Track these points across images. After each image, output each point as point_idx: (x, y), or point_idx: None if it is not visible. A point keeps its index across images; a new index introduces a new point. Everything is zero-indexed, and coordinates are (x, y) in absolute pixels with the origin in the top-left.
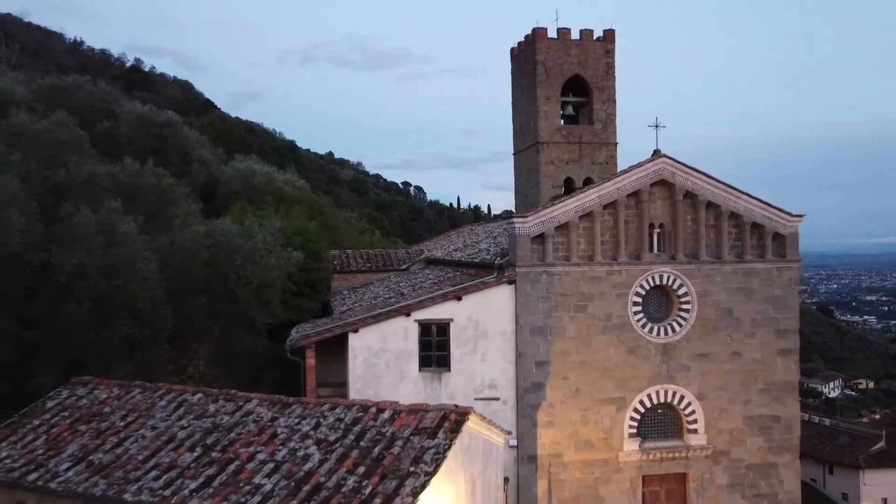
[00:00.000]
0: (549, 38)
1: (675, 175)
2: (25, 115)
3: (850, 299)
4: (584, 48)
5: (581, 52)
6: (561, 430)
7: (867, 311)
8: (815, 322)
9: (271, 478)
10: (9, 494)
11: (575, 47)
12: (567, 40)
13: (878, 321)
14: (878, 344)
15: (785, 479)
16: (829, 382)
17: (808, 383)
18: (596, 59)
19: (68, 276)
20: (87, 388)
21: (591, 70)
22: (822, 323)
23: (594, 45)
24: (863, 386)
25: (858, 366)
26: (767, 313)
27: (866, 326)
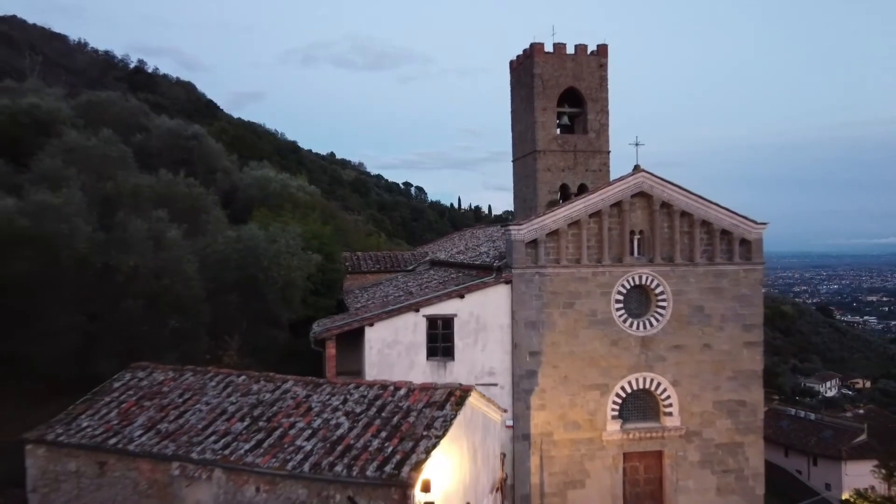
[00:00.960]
0: (546, 53)
1: (653, 188)
2: (76, 134)
3: (850, 300)
4: (578, 62)
5: (576, 66)
6: (551, 413)
7: (868, 311)
8: (814, 322)
9: (310, 441)
10: (93, 456)
11: (570, 61)
12: (563, 54)
13: (879, 321)
14: (878, 344)
15: (750, 456)
16: (826, 382)
17: (806, 382)
18: (590, 72)
19: (125, 276)
20: (145, 372)
21: (585, 82)
22: (822, 323)
23: (588, 59)
24: (860, 385)
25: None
26: (735, 310)
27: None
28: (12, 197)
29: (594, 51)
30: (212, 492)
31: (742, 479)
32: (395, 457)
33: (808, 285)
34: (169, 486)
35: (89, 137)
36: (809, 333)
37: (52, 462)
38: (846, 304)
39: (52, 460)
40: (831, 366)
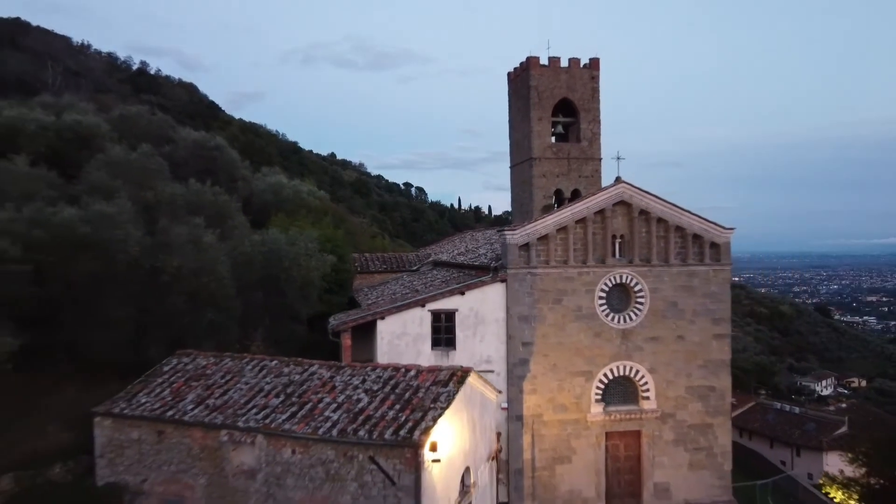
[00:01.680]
0: (542, 66)
1: (633, 197)
2: (119, 149)
3: (850, 300)
4: (572, 74)
5: (569, 78)
6: (542, 396)
7: (867, 311)
8: (812, 322)
9: (336, 412)
10: (153, 426)
11: (564, 73)
12: (557, 67)
13: (878, 321)
14: (875, 344)
15: (719, 435)
16: (822, 381)
17: (801, 381)
18: (583, 84)
19: (169, 276)
20: (190, 358)
21: (578, 94)
22: (820, 323)
23: (581, 72)
24: (855, 384)
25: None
26: (705, 306)
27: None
28: (69, 207)
29: (587, 64)
30: (254, 454)
31: (711, 455)
32: (408, 424)
33: (807, 285)
34: (218, 451)
35: (130, 151)
36: (807, 333)
37: (117, 432)
38: (846, 305)
39: (117, 430)
40: (828, 365)
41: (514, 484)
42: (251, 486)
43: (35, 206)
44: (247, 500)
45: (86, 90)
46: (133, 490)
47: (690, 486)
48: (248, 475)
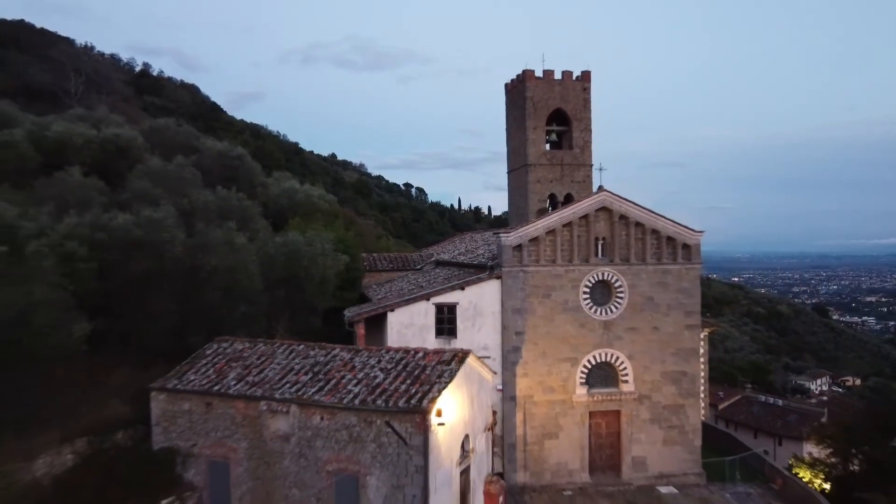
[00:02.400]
0: (537, 78)
1: (613, 203)
2: (157, 160)
3: (849, 300)
4: (565, 86)
5: (563, 90)
6: (532, 380)
7: (866, 311)
8: (809, 322)
9: (357, 386)
10: (201, 398)
11: (557, 85)
12: (551, 80)
13: (877, 322)
14: (872, 344)
15: (689, 415)
16: (817, 380)
17: (797, 380)
18: (575, 95)
19: (207, 273)
20: (227, 343)
21: (571, 104)
22: (817, 323)
23: (573, 84)
24: (850, 383)
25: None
26: (678, 300)
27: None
28: (122, 213)
29: (579, 76)
30: (289, 421)
31: (683, 433)
32: (417, 395)
33: (807, 286)
34: (257, 419)
35: (166, 162)
36: (805, 333)
37: (171, 404)
38: (845, 305)
39: (170, 403)
40: (825, 364)
41: (508, 456)
42: (286, 447)
43: (94, 213)
44: (282, 460)
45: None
46: (184, 453)
47: (664, 459)
48: (283, 439)
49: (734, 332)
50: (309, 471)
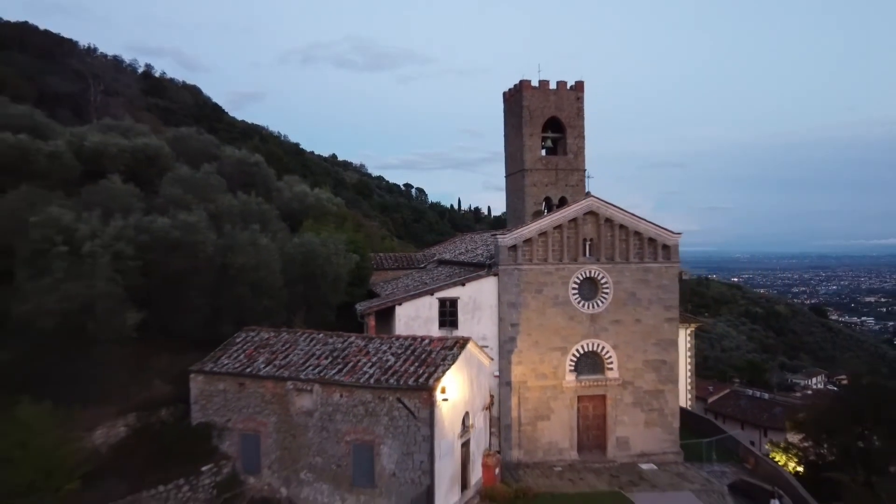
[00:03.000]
0: (533, 88)
1: (599, 208)
2: (186, 168)
3: (848, 300)
4: (559, 95)
5: (557, 99)
6: (526, 367)
7: (865, 312)
8: (807, 322)
9: (371, 368)
10: (235, 379)
11: (553, 95)
12: (546, 89)
13: (876, 322)
14: (869, 343)
15: (668, 399)
16: (812, 378)
17: (792, 378)
18: (569, 104)
19: (235, 271)
20: (255, 332)
21: (565, 112)
22: (815, 323)
23: (568, 93)
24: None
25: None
26: (658, 295)
27: (864, 327)
28: (160, 216)
29: (573, 86)
30: (312, 399)
31: (662, 415)
32: (424, 375)
33: (806, 286)
34: (284, 397)
35: (194, 170)
36: (802, 333)
37: (207, 384)
38: (844, 305)
39: (207, 383)
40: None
41: (504, 436)
42: (309, 421)
43: (136, 216)
44: (306, 432)
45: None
46: (220, 427)
47: (646, 439)
48: (307, 414)
49: (731, 332)
50: (330, 441)
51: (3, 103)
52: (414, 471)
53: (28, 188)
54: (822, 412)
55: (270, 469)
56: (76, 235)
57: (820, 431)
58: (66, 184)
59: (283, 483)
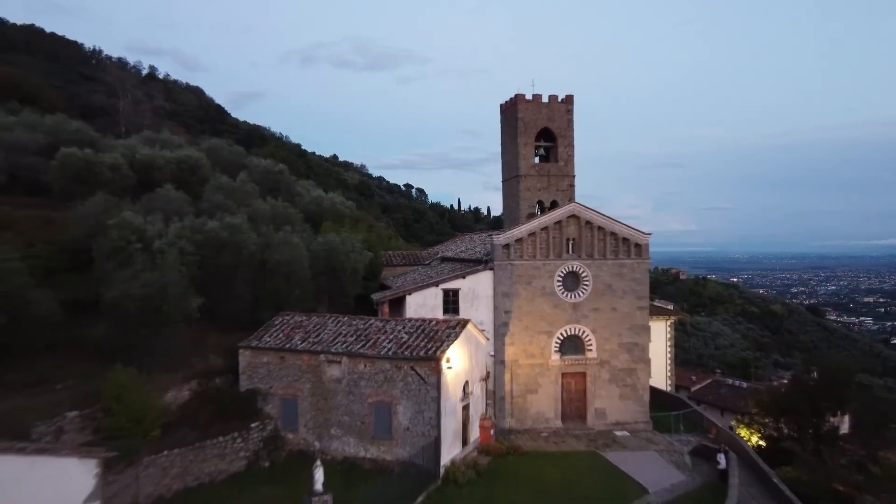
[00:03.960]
0: (527, 101)
1: (581, 212)
2: (225, 178)
3: (847, 301)
4: (551, 108)
5: (549, 111)
6: (517, 348)
7: (864, 312)
8: (803, 321)
9: (389, 344)
10: (276, 354)
11: (545, 107)
12: (539, 102)
13: (875, 322)
14: (863, 343)
15: (640, 377)
16: None
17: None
18: (560, 115)
19: (272, 265)
20: (289, 316)
21: (556, 123)
22: (810, 322)
23: (559, 106)
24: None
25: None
26: (632, 287)
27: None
28: (206, 219)
29: (563, 99)
30: (341, 369)
31: (635, 390)
32: (432, 348)
33: (805, 286)
34: (318, 367)
35: (232, 179)
36: (798, 332)
37: (253, 358)
38: (843, 305)
39: (253, 357)
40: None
41: (499, 407)
42: (338, 387)
43: (190, 219)
44: (336, 396)
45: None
46: (264, 392)
47: (620, 411)
48: (336, 381)
49: (726, 330)
50: (355, 402)
51: (62, 121)
52: (424, 425)
53: (102, 195)
54: (780, 393)
55: (306, 426)
56: (146, 235)
57: (778, 409)
58: (125, 191)
59: (316, 437)
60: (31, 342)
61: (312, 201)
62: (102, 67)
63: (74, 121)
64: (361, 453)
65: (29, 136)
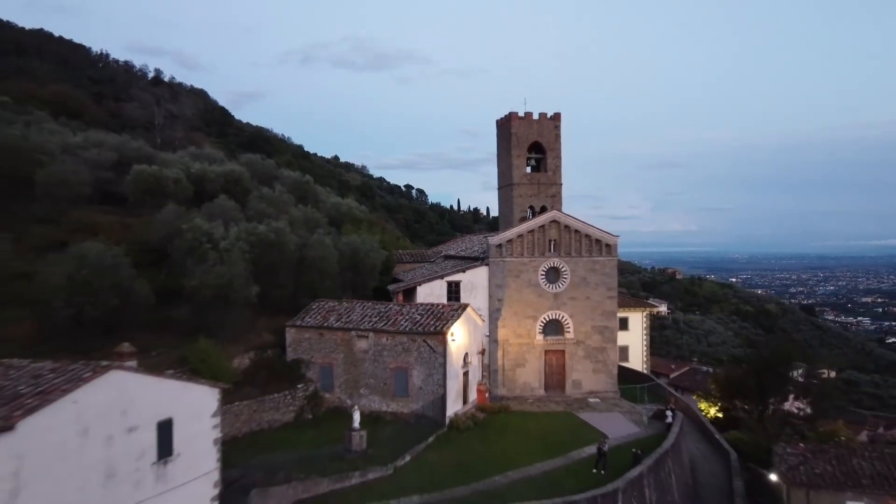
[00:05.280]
0: (519, 118)
1: (560, 218)
2: (266, 189)
3: (845, 301)
4: (541, 124)
5: (539, 127)
6: (508, 329)
7: (862, 312)
8: (796, 320)
9: (405, 322)
10: (315, 331)
11: (535, 124)
12: (530, 119)
13: (872, 322)
14: (855, 341)
15: (609, 354)
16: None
17: None
18: (549, 131)
19: (309, 261)
20: (324, 302)
21: (545, 138)
22: (804, 321)
23: (547, 122)
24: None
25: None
26: (603, 280)
27: (860, 327)
28: (256, 224)
29: (552, 116)
30: (368, 342)
31: (605, 365)
32: (440, 325)
33: (804, 286)
34: (349, 341)
35: (271, 191)
36: (791, 330)
37: (297, 334)
38: (841, 305)
39: (297, 333)
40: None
41: (493, 378)
42: (366, 356)
43: (243, 224)
44: (364, 363)
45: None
46: (306, 361)
47: (593, 382)
48: (364, 351)
49: (719, 328)
50: (379, 368)
51: (126, 141)
52: (433, 385)
53: (174, 206)
54: (733, 374)
55: (340, 387)
56: (214, 237)
57: (731, 387)
58: (185, 201)
59: (348, 396)
60: (132, 320)
61: (332, 207)
62: (111, 71)
63: (131, 139)
64: (384, 408)
65: (105, 154)
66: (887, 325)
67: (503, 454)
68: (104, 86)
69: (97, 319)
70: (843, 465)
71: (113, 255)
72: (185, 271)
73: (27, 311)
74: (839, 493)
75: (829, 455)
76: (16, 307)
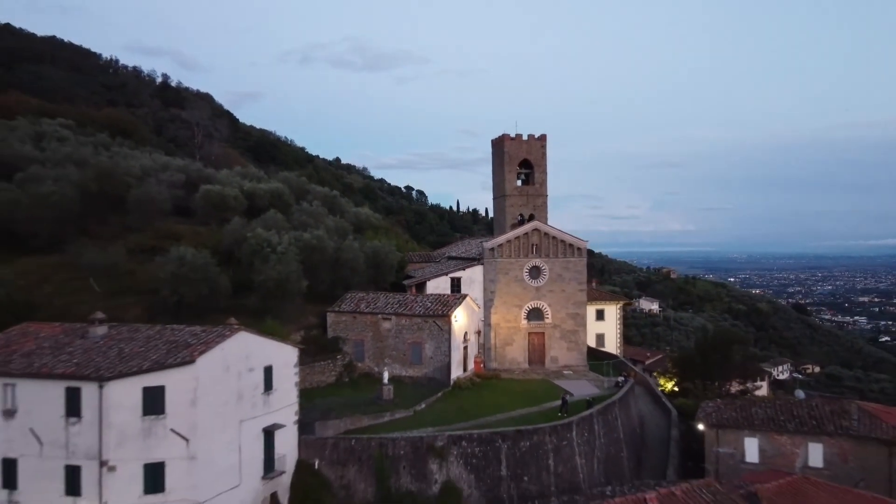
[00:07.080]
0: (511, 139)
1: (541, 227)
2: (305, 203)
3: (842, 300)
4: (530, 144)
5: (528, 146)
6: (499, 316)
7: (858, 311)
8: (787, 319)
9: (419, 308)
10: (350, 315)
11: (525, 144)
12: (520, 140)
13: (868, 321)
14: (845, 339)
15: (580, 335)
16: (779, 367)
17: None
18: (536, 150)
19: (343, 262)
20: (356, 293)
21: (533, 156)
22: (795, 319)
23: (535, 142)
24: (809, 371)
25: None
26: (575, 276)
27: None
28: (301, 232)
29: (539, 137)
30: (391, 323)
31: (577, 344)
32: (446, 309)
33: (802, 286)
34: (376, 323)
35: (309, 205)
36: (783, 329)
37: (336, 318)
38: (838, 305)
39: (336, 317)
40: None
41: (486, 354)
42: (389, 334)
43: (292, 233)
44: (388, 339)
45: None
46: (343, 338)
47: (567, 358)
48: (388, 330)
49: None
50: (399, 343)
51: (189, 164)
52: (441, 355)
53: (238, 218)
54: (685, 354)
55: (369, 358)
56: (272, 242)
57: (683, 363)
58: (242, 213)
59: (375, 365)
60: (216, 305)
61: (354, 215)
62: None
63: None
64: (403, 373)
65: (176, 176)
66: (883, 325)
67: (493, 403)
68: (117, 92)
69: (191, 304)
70: (745, 411)
71: (202, 256)
72: (251, 269)
73: (136, 298)
74: (739, 431)
75: (735, 405)
76: (127, 295)
